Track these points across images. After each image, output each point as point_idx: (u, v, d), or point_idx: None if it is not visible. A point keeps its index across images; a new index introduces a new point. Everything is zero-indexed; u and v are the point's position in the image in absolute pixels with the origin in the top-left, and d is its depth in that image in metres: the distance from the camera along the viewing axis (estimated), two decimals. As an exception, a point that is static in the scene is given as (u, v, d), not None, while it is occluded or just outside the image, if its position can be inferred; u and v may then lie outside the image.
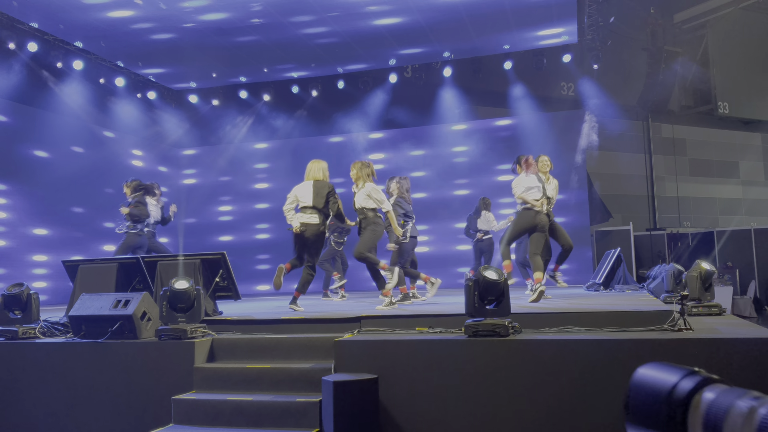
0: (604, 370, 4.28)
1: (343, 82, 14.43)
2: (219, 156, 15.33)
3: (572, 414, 4.33)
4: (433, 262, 13.39)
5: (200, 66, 13.50)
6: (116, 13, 10.63)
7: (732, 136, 16.65)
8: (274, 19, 11.17)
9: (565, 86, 14.48)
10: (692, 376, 0.78)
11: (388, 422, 4.64)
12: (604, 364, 4.29)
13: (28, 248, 11.41)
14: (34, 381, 5.60)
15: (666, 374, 0.80)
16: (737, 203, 16.43)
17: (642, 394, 0.80)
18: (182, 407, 4.99)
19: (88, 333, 5.67)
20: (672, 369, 0.80)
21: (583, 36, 12.99)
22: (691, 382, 0.77)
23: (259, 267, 14.86)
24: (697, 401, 0.76)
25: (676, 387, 0.77)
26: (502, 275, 4.85)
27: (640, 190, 15.57)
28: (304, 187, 7.32)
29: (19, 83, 11.34)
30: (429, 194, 13.99)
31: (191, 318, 5.60)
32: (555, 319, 5.19)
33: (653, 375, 0.81)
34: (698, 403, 0.75)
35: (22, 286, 6.23)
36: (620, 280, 10.25)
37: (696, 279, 6.16)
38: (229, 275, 6.47)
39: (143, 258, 6.91)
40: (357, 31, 11.94)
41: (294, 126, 14.98)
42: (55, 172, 12.09)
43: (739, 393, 0.74)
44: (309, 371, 5.01)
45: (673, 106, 16.10)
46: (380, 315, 5.79)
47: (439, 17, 11.42)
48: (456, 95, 14.10)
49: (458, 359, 4.64)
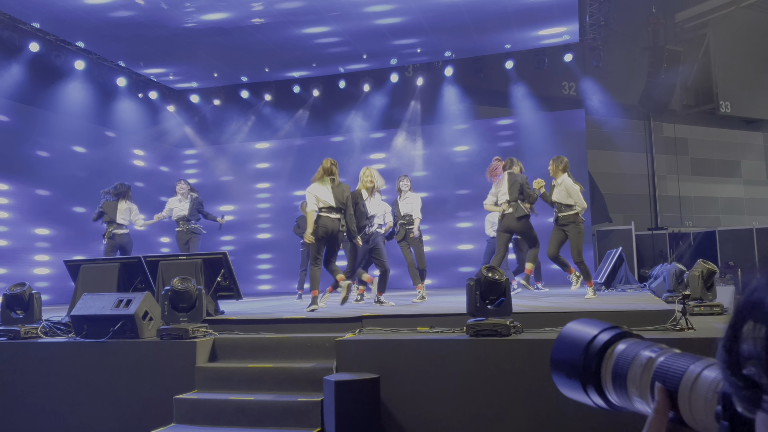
0: (606, 369, 4.27)
1: (344, 81, 14.42)
2: (220, 156, 15.33)
3: (574, 413, 4.32)
4: (434, 261, 13.39)
5: (202, 66, 13.50)
6: (118, 13, 10.64)
7: (734, 136, 16.63)
8: (275, 19, 11.17)
9: (566, 85, 14.47)
10: (611, 330, 0.83)
11: (390, 422, 4.64)
12: (606, 364, 4.28)
13: (30, 248, 11.42)
14: (36, 381, 5.60)
15: (588, 328, 0.85)
16: (739, 202, 16.41)
17: (565, 345, 0.85)
18: (184, 407, 4.99)
19: (89, 333, 5.68)
20: (595, 324, 0.85)
21: (585, 35, 12.98)
22: (607, 335, 0.82)
23: (260, 267, 14.86)
24: (610, 352, 0.80)
25: (594, 339, 0.82)
26: (503, 275, 4.85)
27: (641, 189, 15.56)
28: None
29: (21, 83, 11.35)
30: (430, 194, 13.98)
31: (193, 318, 5.60)
32: (556, 319, 5.18)
33: (577, 328, 0.86)
34: (611, 354, 0.80)
35: (24, 285, 6.24)
36: (622, 279, 10.25)
37: (698, 278, 6.16)
38: (230, 275, 6.48)
39: (145, 258, 6.91)
40: (358, 30, 11.93)
41: (295, 126, 14.98)
42: (57, 172, 12.10)
43: (646, 345, 0.78)
44: (310, 371, 5.01)
45: (675, 106, 16.08)
46: (382, 314, 5.79)
47: (441, 17, 11.41)
48: (457, 95, 14.10)
49: (460, 359, 4.64)
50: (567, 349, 0.84)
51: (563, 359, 0.84)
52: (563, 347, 0.85)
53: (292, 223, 11.54)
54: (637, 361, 0.77)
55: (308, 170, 14.48)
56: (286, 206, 14.66)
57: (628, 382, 0.77)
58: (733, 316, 0.62)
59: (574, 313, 5.26)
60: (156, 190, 14.88)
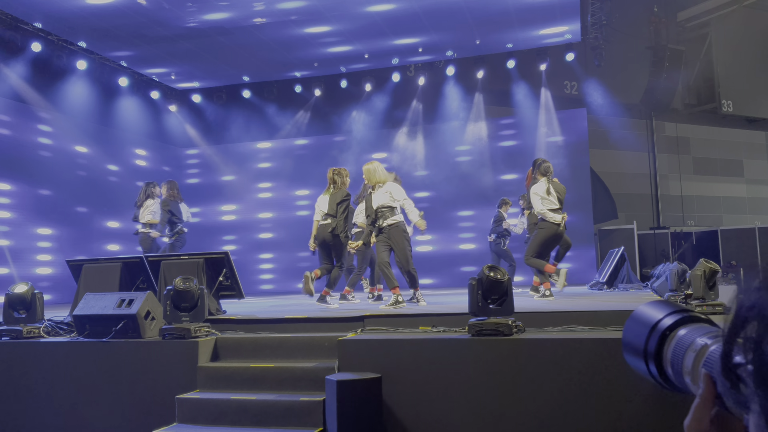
0: (608, 368, 4.27)
1: (346, 81, 14.42)
2: (222, 156, 15.34)
3: (576, 412, 4.32)
4: (436, 261, 13.40)
5: (203, 66, 13.51)
6: (120, 12, 10.63)
7: (736, 135, 16.61)
8: (276, 19, 11.17)
9: (568, 85, 14.46)
10: (677, 314, 0.84)
11: (392, 421, 4.64)
12: (608, 363, 4.28)
13: (33, 248, 11.44)
14: (38, 380, 5.61)
15: (657, 310, 0.87)
16: (741, 202, 16.39)
17: (635, 326, 0.88)
18: (186, 406, 4.99)
19: (92, 332, 5.68)
20: (665, 306, 0.87)
21: (587, 35, 12.97)
22: (672, 318, 0.84)
23: (262, 266, 14.87)
24: (672, 336, 0.82)
25: (659, 322, 0.84)
26: (505, 275, 4.85)
27: (643, 188, 15.54)
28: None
29: (23, 83, 11.36)
30: (432, 193, 13.98)
31: (195, 317, 5.61)
32: (559, 318, 5.18)
33: (647, 310, 0.88)
34: (672, 338, 0.82)
35: (27, 285, 6.24)
36: (624, 278, 10.24)
37: (700, 278, 6.15)
38: (232, 274, 6.48)
39: (147, 257, 6.92)
40: (360, 30, 11.93)
41: (297, 125, 14.98)
42: (60, 172, 12.12)
43: (706, 331, 0.79)
44: (312, 370, 5.01)
45: (677, 105, 16.06)
46: (384, 314, 5.80)
47: (442, 16, 11.41)
48: (459, 94, 14.09)
49: (462, 358, 4.63)
50: (634, 331, 0.87)
51: (631, 340, 0.87)
52: (633, 327, 0.88)
53: (294, 223, 11.59)
54: (692, 346, 0.78)
55: (309, 170, 14.59)
56: (288, 206, 14.67)
57: (683, 367, 0.78)
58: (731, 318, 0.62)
59: (576, 313, 5.26)
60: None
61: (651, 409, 4.12)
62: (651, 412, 4.12)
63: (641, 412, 4.15)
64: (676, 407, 4.02)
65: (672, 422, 4.07)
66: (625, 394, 4.20)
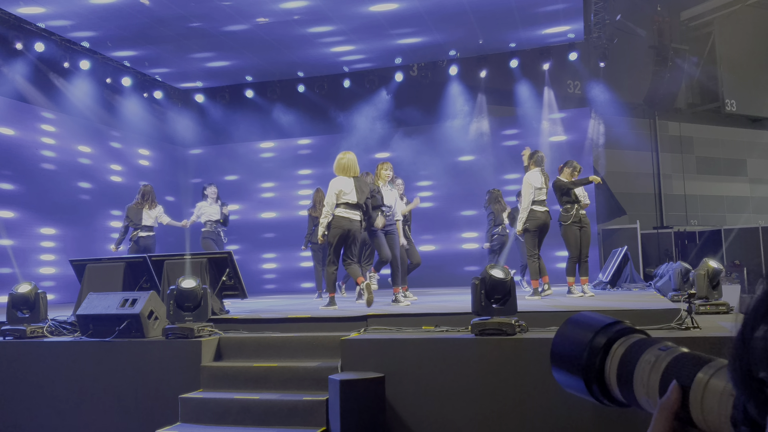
0: (611, 368, 4.26)
1: (348, 81, 14.42)
2: (225, 155, 15.35)
3: (579, 412, 4.32)
4: (438, 260, 13.39)
5: (207, 65, 13.52)
6: (123, 12, 10.65)
7: (739, 134, 16.57)
8: (280, 18, 11.17)
9: (571, 84, 14.43)
10: (614, 326, 0.81)
11: (395, 421, 4.64)
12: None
13: (36, 247, 11.46)
14: (41, 380, 5.62)
15: (591, 323, 0.83)
16: (745, 201, 16.36)
17: (567, 341, 0.83)
18: (189, 406, 5.00)
19: (95, 332, 5.69)
20: (597, 319, 0.83)
21: (590, 34, 12.95)
22: (611, 331, 0.80)
23: (265, 266, 14.88)
24: (614, 350, 0.79)
25: (597, 335, 0.80)
26: (508, 274, 4.85)
27: (647, 188, 15.51)
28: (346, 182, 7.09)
29: (25, 83, 11.38)
30: (434, 193, 13.98)
31: (198, 317, 5.61)
32: (562, 318, 5.16)
33: (580, 322, 0.84)
34: (615, 351, 0.78)
35: (30, 285, 6.26)
36: (627, 278, 10.22)
37: (703, 277, 6.14)
38: (235, 274, 6.49)
39: (150, 257, 6.93)
40: (363, 29, 11.93)
41: (300, 125, 14.98)
42: (63, 172, 12.14)
43: (653, 342, 0.77)
44: (316, 370, 5.01)
45: (680, 104, 16.03)
46: (387, 314, 5.80)
47: (445, 15, 11.40)
48: (462, 93, 14.08)
49: (465, 358, 4.63)
50: (568, 346, 0.82)
51: (564, 356, 0.82)
52: (564, 343, 0.83)
53: (296, 222, 11.59)
54: (644, 359, 0.75)
55: (311, 169, 14.57)
56: (291, 205, 14.67)
57: (635, 381, 0.76)
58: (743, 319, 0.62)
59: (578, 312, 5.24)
60: (161, 189, 14.91)
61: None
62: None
63: (645, 412, 4.14)
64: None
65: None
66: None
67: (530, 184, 7.75)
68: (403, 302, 7.15)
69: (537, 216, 7.70)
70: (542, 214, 7.72)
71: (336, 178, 7.09)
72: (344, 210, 6.96)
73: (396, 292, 7.31)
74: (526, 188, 7.78)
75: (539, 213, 7.71)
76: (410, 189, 14.16)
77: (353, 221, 6.97)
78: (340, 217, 6.93)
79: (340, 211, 6.95)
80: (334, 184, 7.02)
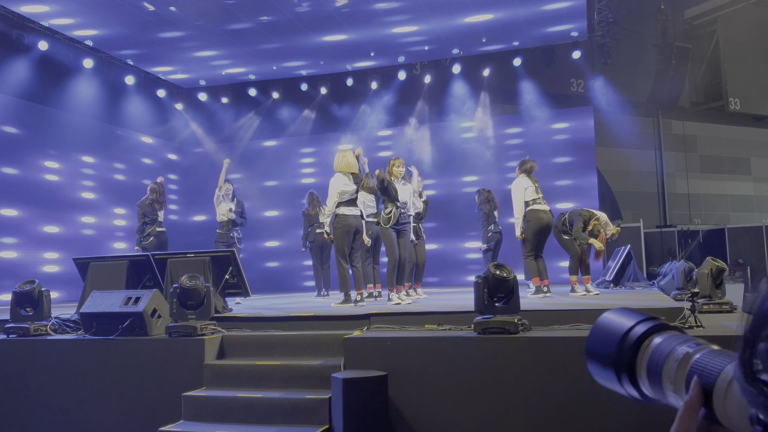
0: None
1: (351, 79, 14.41)
2: (228, 154, 15.35)
3: (582, 411, 4.32)
4: (441, 259, 13.38)
5: (210, 64, 13.52)
6: (126, 11, 10.65)
7: (743, 133, 16.54)
8: (282, 17, 11.17)
9: (574, 83, 14.42)
10: (648, 321, 0.83)
11: (398, 419, 4.64)
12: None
13: (40, 245, 11.48)
14: (45, 378, 5.64)
15: (625, 318, 0.85)
16: (748, 200, 16.32)
17: (601, 335, 0.85)
18: (192, 404, 5.01)
19: (98, 330, 5.71)
20: (632, 314, 0.85)
21: (593, 32, 12.92)
22: (644, 326, 0.82)
23: (268, 264, 14.88)
24: (646, 345, 0.80)
25: (630, 330, 0.82)
26: (511, 272, 4.85)
27: (650, 187, 15.49)
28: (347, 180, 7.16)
29: (29, 82, 11.39)
30: (437, 191, 13.98)
31: (201, 315, 5.62)
32: (564, 317, 5.17)
33: (614, 318, 0.86)
34: (647, 346, 0.80)
35: (34, 283, 6.27)
36: (630, 277, 10.21)
37: (707, 276, 6.13)
38: (238, 272, 6.49)
39: (153, 255, 6.94)
40: (366, 28, 11.92)
41: (302, 123, 14.99)
42: (66, 170, 12.17)
43: (684, 339, 0.78)
44: (318, 368, 5.02)
45: (684, 103, 16.00)
46: (389, 312, 5.80)
47: (448, 14, 11.39)
48: (465, 92, 14.07)
49: (467, 356, 4.63)
50: (602, 339, 0.84)
51: (598, 349, 0.85)
52: (598, 337, 0.85)
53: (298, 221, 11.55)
54: (673, 355, 0.76)
55: (313, 168, 14.59)
56: (294, 203, 14.67)
57: (663, 376, 0.77)
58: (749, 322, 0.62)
59: (583, 311, 5.25)
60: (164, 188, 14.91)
61: (657, 408, 4.10)
62: (658, 411, 4.10)
63: (648, 411, 4.14)
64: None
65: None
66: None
67: (518, 188, 7.77)
68: (405, 301, 7.13)
69: (539, 216, 7.65)
70: (544, 214, 7.69)
71: (336, 175, 7.13)
72: (346, 208, 7.02)
73: (391, 291, 7.23)
74: (515, 194, 7.78)
75: (541, 213, 7.67)
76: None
77: (356, 217, 7.13)
78: (343, 215, 6.99)
79: (342, 210, 7.00)
80: (335, 183, 7.05)
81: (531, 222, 7.69)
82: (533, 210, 7.69)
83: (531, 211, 7.71)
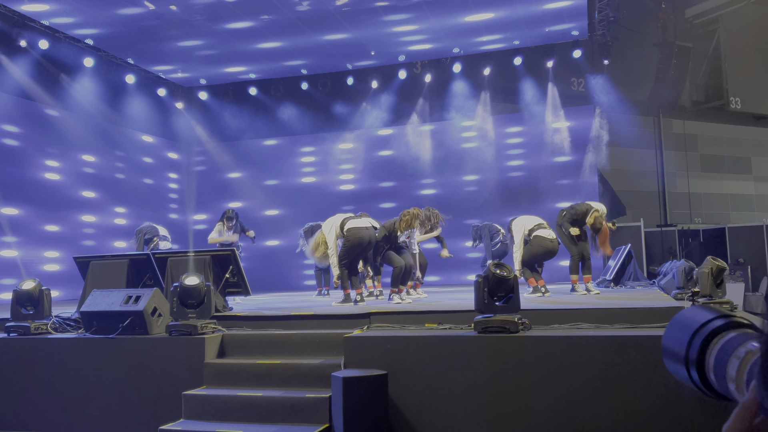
0: (614, 366, 4.26)
1: (352, 78, 14.41)
2: (228, 152, 15.35)
3: (582, 410, 4.32)
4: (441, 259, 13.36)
5: (210, 63, 13.52)
6: (127, 10, 10.65)
7: (744, 132, 16.52)
8: (283, 16, 11.17)
9: (575, 82, 14.40)
10: (719, 319, 0.83)
11: (398, 418, 4.65)
12: (614, 361, 4.27)
13: (40, 244, 11.48)
14: (46, 376, 5.64)
15: (699, 315, 0.86)
16: (749, 199, 16.31)
17: (675, 332, 0.87)
18: (193, 402, 5.01)
19: (99, 329, 5.71)
20: (706, 312, 0.86)
21: (594, 31, 12.91)
22: (715, 324, 0.83)
23: (268, 263, 14.87)
24: (715, 342, 0.81)
25: (702, 328, 0.83)
26: (511, 272, 4.85)
27: (651, 186, 15.48)
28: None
29: (30, 81, 11.39)
30: (437, 191, 13.97)
31: (201, 314, 5.62)
32: (565, 316, 5.17)
33: (689, 315, 0.87)
34: (716, 343, 0.81)
35: (34, 282, 6.27)
36: (631, 276, 10.21)
37: (707, 275, 6.12)
38: (239, 271, 6.50)
39: (153, 254, 6.95)
40: (366, 26, 11.92)
41: (303, 122, 14.97)
42: (66, 169, 12.17)
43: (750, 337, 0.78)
44: (319, 367, 5.02)
45: (685, 102, 15.98)
46: (390, 311, 5.80)
47: (449, 13, 11.38)
48: (466, 91, 14.05)
49: (468, 355, 4.63)
50: (675, 336, 0.86)
51: (671, 346, 0.87)
52: (672, 333, 0.87)
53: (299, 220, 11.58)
54: (737, 353, 0.77)
55: (313, 167, 14.58)
56: (294, 202, 14.67)
57: (727, 373, 0.77)
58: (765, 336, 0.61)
59: (583, 311, 5.25)
60: (165, 188, 14.95)
61: (659, 407, 4.11)
62: (659, 411, 4.11)
63: (649, 411, 4.14)
64: (685, 406, 4.01)
65: (679, 421, 4.06)
66: (632, 392, 4.19)
67: (521, 225, 7.82)
68: (405, 300, 7.15)
69: (545, 244, 7.66)
70: (550, 243, 7.69)
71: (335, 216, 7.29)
72: (356, 221, 7.11)
73: (393, 292, 7.30)
74: (516, 229, 7.80)
75: (547, 241, 7.67)
76: (412, 187, 14.17)
77: (368, 228, 7.17)
78: (355, 228, 7.04)
79: (353, 223, 7.07)
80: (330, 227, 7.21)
81: (534, 247, 7.67)
82: (537, 236, 7.67)
83: (535, 237, 7.68)
